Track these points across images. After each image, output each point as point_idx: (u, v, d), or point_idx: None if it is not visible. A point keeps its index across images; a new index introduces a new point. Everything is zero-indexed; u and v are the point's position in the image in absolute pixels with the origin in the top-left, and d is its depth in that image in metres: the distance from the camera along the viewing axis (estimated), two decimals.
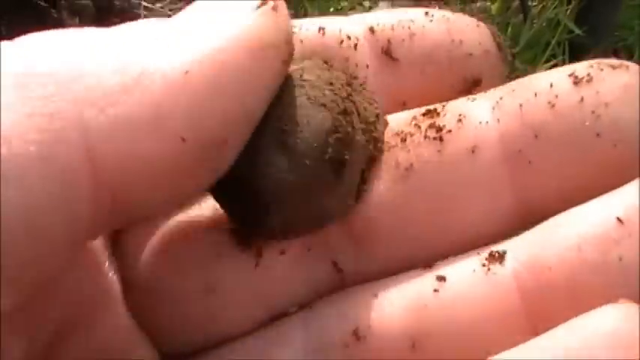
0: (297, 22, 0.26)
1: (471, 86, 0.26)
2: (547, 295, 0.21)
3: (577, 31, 1.26)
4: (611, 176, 0.22)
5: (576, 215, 0.22)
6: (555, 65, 1.28)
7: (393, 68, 0.25)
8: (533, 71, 1.20)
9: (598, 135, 0.22)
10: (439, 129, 0.24)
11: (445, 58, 0.25)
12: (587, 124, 0.22)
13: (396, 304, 0.23)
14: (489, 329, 0.21)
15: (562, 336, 0.19)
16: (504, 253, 0.22)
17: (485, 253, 0.23)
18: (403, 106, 0.25)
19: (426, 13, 0.25)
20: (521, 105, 0.23)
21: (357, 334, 0.23)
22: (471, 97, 0.24)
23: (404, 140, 0.24)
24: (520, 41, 1.25)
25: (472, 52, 0.25)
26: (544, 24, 1.28)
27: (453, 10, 0.26)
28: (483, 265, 0.22)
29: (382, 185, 0.24)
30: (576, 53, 1.30)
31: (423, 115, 0.24)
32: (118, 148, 0.18)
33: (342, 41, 0.25)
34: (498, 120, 0.23)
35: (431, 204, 0.24)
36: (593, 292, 0.20)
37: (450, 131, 0.24)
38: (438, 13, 0.25)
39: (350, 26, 0.25)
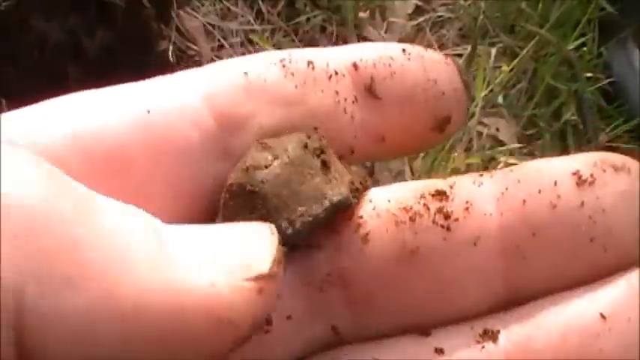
0: (286, 54, 0.26)
1: (442, 124, 0.27)
2: None
3: (609, 8, 1.25)
4: (596, 274, 0.24)
5: (565, 304, 0.24)
6: (584, 44, 1.27)
7: (374, 105, 0.26)
8: (564, 48, 1.20)
9: (591, 239, 0.24)
10: (447, 216, 0.25)
11: (422, 98, 0.26)
12: (583, 228, 0.24)
13: None
14: None
15: None
16: (498, 332, 0.24)
17: (478, 328, 0.24)
18: (382, 141, 0.27)
19: (404, 50, 0.27)
20: (524, 201, 0.24)
21: None
22: (478, 180, 0.26)
23: (413, 220, 0.25)
24: (550, 18, 1.24)
25: (444, 90, 0.26)
26: (575, 1, 1.27)
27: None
28: (477, 342, 0.24)
29: (385, 261, 0.25)
30: (606, 31, 1.29)
31: (432, 196, 0.25)
32: (42, 340, 0.18)
33: (330, 76, 0.26)
34: (501, 213, 0.25)
35: (430, 285, 0.25)
36: None
37: (457, 220, 0.25)
38: (414, 51, 0.27)
39: (336, 61, 0.26)
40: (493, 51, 1.29)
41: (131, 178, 0.24)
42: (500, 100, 1.28)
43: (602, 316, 0.23)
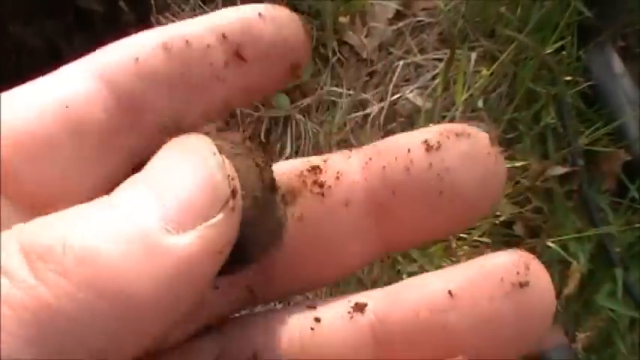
0: (166, 35, 0.30)
1: (295, 70, 0.31)
2: (391, 345, 0.28)
3: (587, 13, 1.26)
4: (452, 224, 0.29)
5: (422, 284, 0.28)
6: (564, 48, 1.28)
7: (241, 66, 0.30)
8: (544, 52, 1.21)
9: (440, 193, 0.28)
10: (321, 185, 0.30)
11: (278, 54, 0.30)
12: (432, 184, 0.28)
13: (282, 336, 0.29)
14: None
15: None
16: (365, 305, 0.29)
17: (352, 302, 0.29)
18: (249, 92, 0.31)
19: (260, 14, 0.30)
20: (384, 167, 0.29)
21: (255, 356, 0.29)
22: (347, 154, 0.31)
23: (295, 195, 0.30)
24: (529, 22, 1.25)
25: (294, 44, 0.30)
26: (554, 5, 1.28)
27: None
28: (349, 313, 0.28)
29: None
30: (585, 35, 1.30)
31: (309, 171, 0.30)
32: (109, 353, 0.22)
33: (204, 51, 0.30)
34: (366, 179, 0.29)
35: (316, 243, 0.30)
36: (424, 346, 0.27)
37: (329, 187, 0.30)
38: (269, 14, 0.30)
39: (208, 34, 0.30)
40: (473, 55, 1.30)
41: (59, 161, 0.27)
42: (480, 104, 1.29)
43: (450, 294, 0.27)
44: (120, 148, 0.28)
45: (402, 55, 1.33)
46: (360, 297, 0.29)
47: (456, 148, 0.28)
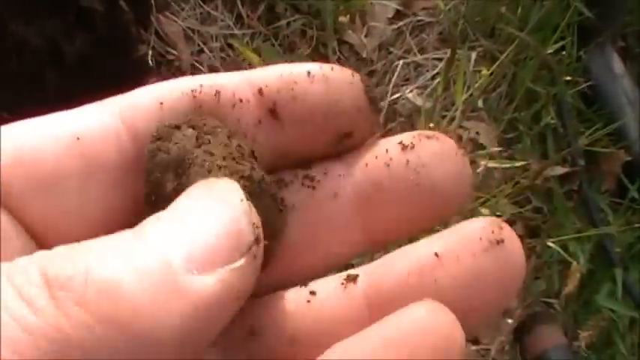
0: (197, 83, 0.30)
1: (344, 139, 0.32)
2: (384, 306, 0.28)
3: (587, 13, 1.26)
4: (429, 216, 0.31)
5: (410, 250, 0.30)
6: (564, 48, 1.28)
7: (276, 126, 0.31)
8: (545, 51, 1.21)
9: (418, 185, 0.30)
10: (311, 179, 0.32)
11: (322, 118, 0.31)
12: (411, 178, 0.30)
13: (280, 310, 0.30)
14: (343, 330, 0.29)
15: (379, 327, 0.27)
16: (357, 275, 0.30)
17: (343, 275, 0.30)
18: (285, 156, 0.32)
19: (309, 73, 0.31)
20: (366, 164, 0.31)
21: (252, 331, 0.30)
22: (332, 158, 0.32)
23: (286, 185, 0.32)
24: (530, 22, 1.24)
25: (345, 109, 0.31)
26: (554, 6, 1.28)
27: None
28: (342, 284, 0.30)
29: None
30: (585, 36, 1.30)
31: (297, 167, 0.32)
32: None
33: (234, 105, 0.30)
34: (352, 174, 0.31)
35: (305, 231, 0.31)
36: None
37: (318, 181, 0.32)
38: (319, 73, 0.31)
39: (242, 88, 0.30)
40: (473, 55, 1.30)
41: (66, 195, 0.28)
42: (480, 103, 1.29)
43: (436, 255, 0.29)
44: (127, 190, 0.29)
45: (402, 54, 1.33)
46: (351, 271, 0.31)
47: (428, 148, 0.31)
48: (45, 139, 0.27)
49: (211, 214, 0.25)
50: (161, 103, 0.29)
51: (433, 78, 1.32)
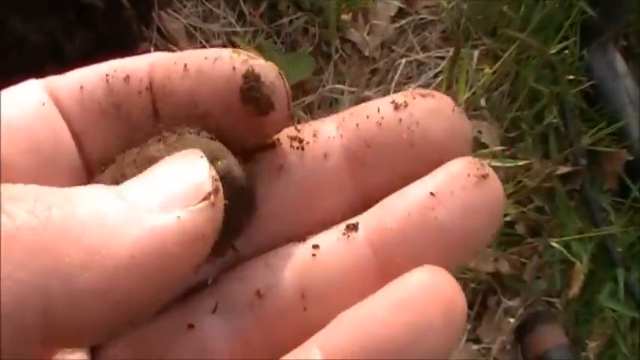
0: (109, 67, 0.31)
1: (228, 139, 0.31)
2: (390, 248, 0.29)
3: (590, 12, 1.26)
4: (427, 171, 0.30)
5: (405, 193, 0.30)
6: (566, 47, 1.28)
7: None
8: (547, 51, 1.21)
9: (412, 144, 0.30)
10: (300, 140, 0.32)
11: (191, 116, 0.30)
12: (404, 136, 0.30)
13: (285, 268, 0.30)
14: (353, 278, 0.30)
15: (385, 292, 0.27)
16: (357, 223, 0.30)
17: (342, 226, 0.31)
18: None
19: (185, 66, 0.30)
20: (357, 124, 0.31)
21: (259, 294, 0.30)
22: (321, 119, 0.33)
23: (274, 147, 0.32)
24: (532, 21, 1.24)
25: (211, 111, 0.30)
26: (557, 5, 1.27)
27: None
28: (343, 234, 0.30)
29: (262, 178, 0.32)
30: (588, 35, 1.30)
31: (286, 135, 0.32)
32: (71, 314, 0.23)
33: (140, 92, 0.30)
34: (342, 135, 0.32)
35: (297, 193, 0.32)
36: (421, 243, 0.29)
37: (307, 143, 0.32)
38: (194, 66, 0.30)
39: (138, 71, 0.31)
40: (475, 53, 1.29)
41: (41, 156, 0.29)
42: (482, 102, 1.28)
43: (432, 194, 0.29)
44: (69, 170, 0.30)
45: (405, 52, 1.32)
46: (349, 221, 0.31)
47: (422, 106, 0.31)
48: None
49: (175, 170, 0.27)
50: (81, 87, 0.30)
51: (435, 76, 1.31)
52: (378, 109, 0.31)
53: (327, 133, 0.32)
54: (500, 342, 1.22)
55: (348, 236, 0.30)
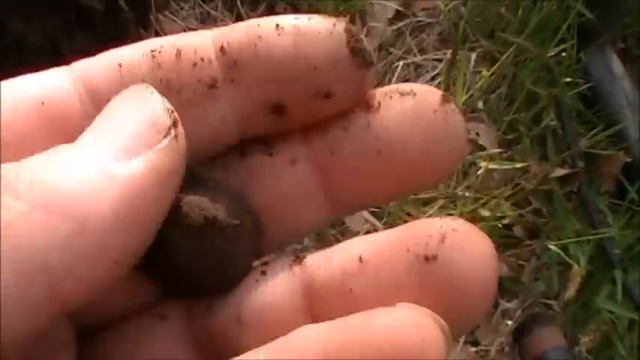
0: (158, 43, 0.28)
1: (322, 101, 0.28)
2: (318, 303, 0.27)
3: (588, 14, 1.26)
4: (394, 186, 0.29)
5: (346, 246, 0.28)
6: (564, 49, 1.28)
7: (239, 87, 0.28)
8: (545, 53, 1.21)
9: (379, 153, 0.28)
10: (270, 145, 0.29)
11: (287, 76, 0.28)
12: (370, 143, 0.28)
13: (234, 290, 0.29)
14: (283, 312, 0.28)
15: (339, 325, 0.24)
16: (305, 256, 0.28)
17: (293, 255, 0.29)
18: (254, 124, 0.29)
19: (277, 26, 0.28)
20: (325, 127, 0.29)
21: (208, 307, 0.29)
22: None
23: (244, 154, 0.30)
24: (530, 24, 1.24)
25: (319, 64, 0.27)
26: (554, 7, 1.28)
27: None
28: (289, 265, 0.28)
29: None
30: (585, 37, 1.30)
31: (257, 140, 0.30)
32: (73, 282, 0.24)
33: (195, 64, 0.28)
34: (309, 139, 0.29)
35: (268, 201, 0.29)
36: (335, 311, 0.26)
37: (276, 147, 0.29)
38: (289, 24, 0.27)
39: (204, 47, 0.28)
40: (473, 56, 1.30)
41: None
42: (480, 105, 1.29)
43: (360, 259, 0.26)
44: None
45: (402, 55, 1.33)
46: (298, 252, 0.30)
47: (396, 107, 0.28)
48: (9, 104, 0.27)
49: (128, 110, 0.26)
50: (120, 65, 0.28)
51: (433, 79, 1.32)
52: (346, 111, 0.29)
53: (295, 136, 0.29)
54: (498, 344, 1.22)
55: (291, 268, 0.28)
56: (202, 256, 0.28)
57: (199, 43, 0.28)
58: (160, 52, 0.28)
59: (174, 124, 0.26)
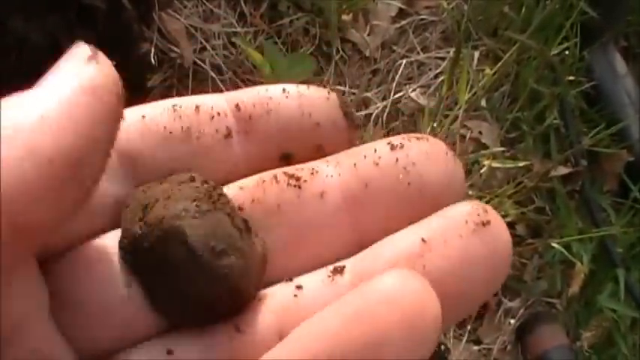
0: (174, 100, 0.32)
1: (318, 151, 0.33)
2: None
3: (591, 13, 1.26)
4: (421, 213, 0.30)
5: (396, 238, 0.30)
6: (567, 48, 1.28)
7: (253, 139, 0.33)
8: (548, 52, 1.21)
9: (409, 184, 0.31)
10: (297, 179, 0.32)
11: (296, 130, 0.32)
12: (401, 177, 0.31)
13: (266, 306, 0.30)
14: None
15: (343, 301, 0.26)
16: (344, 267, 0.30)
17: (330, 267, 0.30)
18: (258, 164, 0.33)
19: (284, 90, 0.33)
20: (355, 164, 0.31)
21: (237, 329, 0.30)
22: (319, 160, 0.33)
23: (273, 183, 0.32)
24: (533, 22, 1.24)
25: (319, 121, 0.32)
26: (557, 5, 1.27)
27: None
28: (329, 276, 0.30)
29: (257, 216, 0.31)
30: (588, 35, 1.30)
31: (284, 173, 0.32)
32: (31, 208, 0.24)
33: (212, 117, 0.32)
34: (339, 174, 0.32)
35: (292, 232, 0.31)
36: None
37: (305, 181, 0.32)
38: (294, 89, 0.33)
39: (220, 104, 0.33)
40: (476, 54, 1.29)
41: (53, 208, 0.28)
42: (483, 103, 1.29)
43: (423, 240, 0.29)
44: (108, 197, 0.31)
45: (405, 53, 1.33)
46: (338, 263, 0.31)
47: (417, 148, 0.31)
48: None
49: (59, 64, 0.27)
50: (143, 117, 0.32)
51: (436, 77, 1.32)
52: (375, 150, 0.31)
53: (324, 172, 0.32)
54: (500, 342, 1.22)
55: (333, 279, 0.30)
56: (213, 281, 0.29)
57: (215, 101, 0.33)
58: (180, 106, 0.32)
59: (94, 53, 0.27)
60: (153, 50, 1.15)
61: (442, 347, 1.16)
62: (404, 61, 1.31)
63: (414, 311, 0.24)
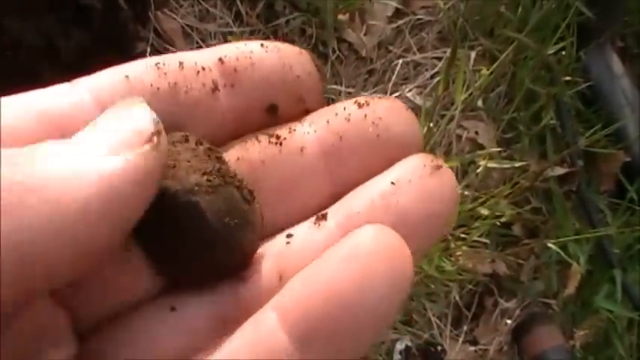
0: (160, 58, 0.33)
1: (299, 102, 0.35)
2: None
3: (588, 13, 1.26)
4: (389, 163, 0.33)
5: (369, 184, 0.33)
6: (563, 48, 1.28)
7: (238, 91, 0.34)
8: (545, 51, 1.21)
9: (378, 136, 0.33)
10: (278, 137, 0.34)
11: (279, 82, 0.34)
12: (370, 130, 0.33)
13: (263, 254, 0.32)
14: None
15: (330, 252, 0.29)
16: (326, 213, 0.32)
17: (313, 218, 0.33)
18: (247, 123, 0.34)
19: (262, 45, 0.34)
20: (328, 121, 0.34)
21: (240, 278, 0.31)
22: (294, 122, 0.35)
23: (255, 142, 0.34)
24: (529, 22, 1.24)
25: (299, 74, 0.34)
26: (554, 5, 1.27)
27: None
28: (315, 223, 0.32)
29: (245, 170, 0.33)
30: (585, 36, 1.30)
31: (263, 133, 0.34)
32: (44, 264, 0.24)
33: (198, 72, 0.33)
34: (315, 130, 0.34)
35: (277, 185, 0.34)
36: (387, 225, 0.30)
37: (285, 138, 0.34)
38: (271, 44, 0.34)
39: (203, 59, 0.34)
40: (472, 54, 1.29)
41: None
42: (479, 103, 1.29)
43: (393, 183, 0.32)
44: None
45: (401, 53, 1.32)
46: (319, 212, 0.33)
47: (382, 105, 0.34)
48: (19, 117, 0.29)
49: (117, 116, 0.28)
50: (127, 77, 0.32)
51: (432, 77, 1.31)
52: (344, 108, 0.34)
53: (301, 130, 0.34)
54: (497, 343, 1.22)
55: (319, 224, 0.32)
56: (214, 241, 0.30)
57: (198, 57, 0.33)
58: (163, 64, 0.32)
59: (157, 133, 0.28)
60: (149, 50, 1.14)
61: (438, 348, 1.16)
62: (400, 61, 1.31)
63: (393, 253, 0.28)
